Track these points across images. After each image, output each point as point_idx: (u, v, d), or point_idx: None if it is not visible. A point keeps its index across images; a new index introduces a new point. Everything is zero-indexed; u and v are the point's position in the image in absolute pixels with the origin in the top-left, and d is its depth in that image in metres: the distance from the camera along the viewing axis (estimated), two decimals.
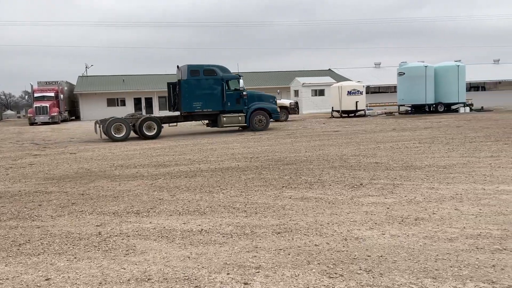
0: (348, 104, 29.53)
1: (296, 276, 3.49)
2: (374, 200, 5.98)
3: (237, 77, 20.41)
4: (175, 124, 20.88)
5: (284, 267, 3.69)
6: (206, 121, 21.88)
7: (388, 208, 5.52)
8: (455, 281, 3.27)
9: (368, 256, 3.86)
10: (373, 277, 3.40)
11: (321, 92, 38.90)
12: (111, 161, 11.41)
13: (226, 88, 20.02)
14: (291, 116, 29.30)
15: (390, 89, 46.71)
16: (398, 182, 7.12)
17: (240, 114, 20.24)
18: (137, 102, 47.09)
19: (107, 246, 4.48)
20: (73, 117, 47.14)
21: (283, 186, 7.17)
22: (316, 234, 4.58)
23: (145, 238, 4.70)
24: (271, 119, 21.24)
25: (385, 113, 31.53)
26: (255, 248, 4.20)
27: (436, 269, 3.50)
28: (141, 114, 20.45)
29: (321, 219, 5.15)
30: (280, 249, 4.15)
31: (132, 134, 18.92)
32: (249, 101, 20.48)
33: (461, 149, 10.79)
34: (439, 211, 5.23)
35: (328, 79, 41.07)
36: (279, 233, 4.67)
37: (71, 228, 5.22)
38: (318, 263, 3.74)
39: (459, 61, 32.02)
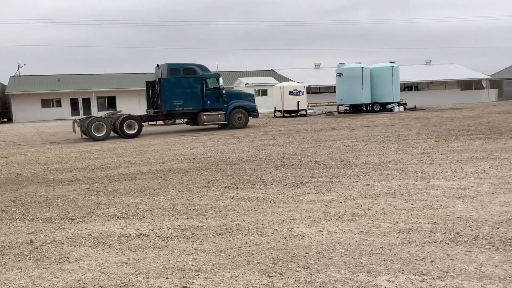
0: (290, 104, 30.05)
1: (236, 276, 3.50)
2: (313, 197, 6.12)
3: (216, 75, 20.79)
4: (154, 123, 21.04)
5: (224, 268, 3.68)
6: (186, 120, 22.10)
7: (326, 205, 5.66)
8: (388, 275, 3.40)
9: (307, 253, 3.94)
10: (311, 274, 3.47)
11: (264, 92, 39.32)
12: (45, 165, 10.88)
13: (206, 86, 20.37)
14: None
15: (330, 89, 47.97)
16: (336, 179, 7.33)
17: (220, 112, 20.59)
18: (74, 102, 45.30)
19: (39, 255, 4.26)
20: (5, 119, 44.55)
21: (225, 187, 7.16)
22: (257, 233, 4.61)
23: (80, 245, 4.52)
24: (250, 117, 21.64)
25: (325, 113, 32.39)
26: (196, 251, 4.16)
27: (370, 264, 3.63)
28: (122, 113, 20.88)
29: (262, 218, 5.19)
30: (221, 251, 4.13)
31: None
32: (228, 99, 20.88)
33: (395, 146, 11.29)
34: (374, 207, 5.44)
35: (270, 80, 41.59)
36: (220, 234, 4.66)
37: (1, 237, 4.92)
38: (258, 263, 3.77)
39: (394, 62, 33.53)
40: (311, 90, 45.63)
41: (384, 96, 30.50)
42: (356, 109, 31.02)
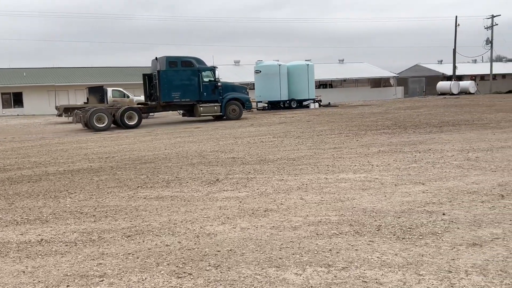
0: None
1: (143, 280, 3.37)
2: (229, 194, 6.10)
3: (213, 68, 21.52)
4: (152, 114, 22.45)
5: (131, 272, 3.53)
6: (182, 111, 22.66)
7: (241, 201, 5.67)
8: (296, 268, 3.47)
9: (218, 251, 3.91)
10: (221, 272, 3.44)
11: None
12: None
13: (202, 79, 21.01)
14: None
15: (249, 86, 48.45)
16: (252, 175, 7.38)
17: (215, 104, 21.24)
18: None
19: None
20: None
21: (138, 186, 6.92)
22: (169, 233, 4.49)
23: None
24: (245, 109, 22.45)
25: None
26: (102, 255, 3.95)
27: (280, 258, 3.68)
28: (120, 104, 21.40)
29: (175, 217, 5.07)
30: (129, 254, 3.97)
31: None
32: (224, 91, 21.55)
33: (309, 142, 11.65)
34: (287, 202, 5.55)
35: None
36: (129, 236, 4.47)
37: None
38: (168, 264, 3.66)
39: (309, 60, 34.60)
40: None
41: (301, 93, 31.40)
42: (274, 105, 31.62)
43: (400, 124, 15.27)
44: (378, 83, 56.11)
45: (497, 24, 51.97)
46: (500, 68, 61.00)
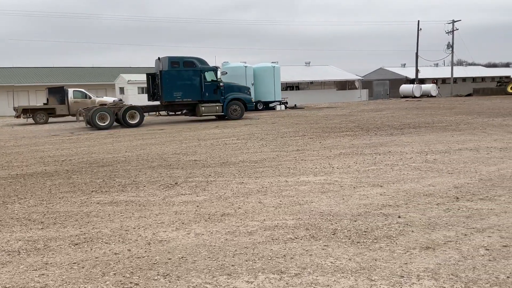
0: None
1: None
2: (186, 198, 5.95)
3: (215, 69, 21.87)
4: (155, 113, 22.67)
5: (74, 283, 3.34)
6: (184, 111, 22.62)
7: (198, 206, 5.53)
8: (248, 275, 3.37)
9: (169, 259, 3.76)
10: (170, 282, 3.30)
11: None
12: None
13: (204, 79, 21.21)
14: None
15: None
16: (212, 179, 7.25)
17: (217, 104, 21.47)
18: None
19: None
20: None
21: (92, 191, 6.67)
22: (119, 241, 4.31)
23: None
24: (247, 109, 22.56)
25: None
26: (45, 265, 3.74)
27: (232, 265, 3.57)
28: (123, 103, 21.97)
29: (127, 224, 4.89)
30: (74, 263, 3.77)
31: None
32: (226, 91, 21.75)
33: (273, 144, 11.61)
34: (245, 206, 5.45)
35: None
36: (77, 244, 4.27)
37: None
38: (114, 274, 3.49)
39: (276, 62, 34.66)
40: None
41: (267, 95, 31.41)
42: None
43: (363, 126, 15.46)
44: (343, 85, 56.91)
45: (457, 29, 53.65)
46: (460, 72, 63.03)
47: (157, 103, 21.95)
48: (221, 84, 21.68)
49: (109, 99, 28.43)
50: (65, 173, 8.35)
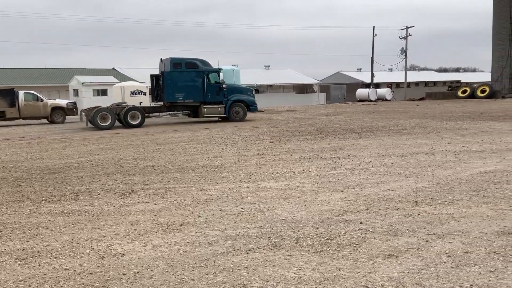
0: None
1: None
2: (143, 207, 5.71)
3: (217, 70, 21.93)
4: (157, 114, 23.26)
5: None
6: (188, 112, 22.79)
7: (155, 215, 5.31)
8: None
9: (124, 274, 3.54)
10: None
11: (103, 92, 36.93)
12: None
13: (207, 80, 21.26)
14: (69, 118, 27.04)
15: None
16: (171, 185, 7.02)
17: (220, 106, 21.44)
18: None
19: None
20: None
21: (42, 200, 6.29)
22: (70, 255, 4.04)
23: None
24: (250, 111, 22.44)
25: (170, 114, 31.83)
26: None
27: (192, 279, 3.40)
28: (126, 104, 21.78)
29: (79, 236, 4.60)
30: (20, 281, 3.48)
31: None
32: (229, 93, 21.71)
33: (234, 148, 11.46)
34: (205, 214, 5.27)
35: (111, 79, 39.33)
36: (24, 259, 3.96)
37: None
38: None
39: (236, 65, 34.61)
40: None
41: None
42: None
43: (322, 130, 15.58)
44: (302, 89, 57.59)
45: (411, 35, 55.56)
46: (414, 76, 65.26)
47: (160, 104, 22.08)
48: (224, 85, 21.75)
49: (62, 101, 27.48)
50: (14, 181, 7.88)
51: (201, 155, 10.47)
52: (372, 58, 54.64)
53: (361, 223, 4.69)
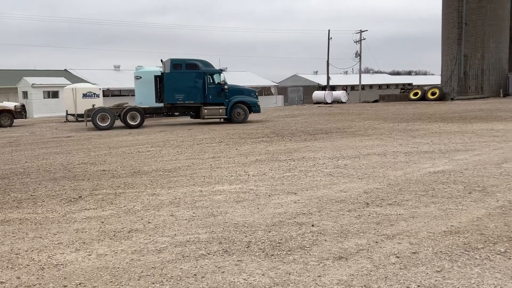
0: (84, 107, 27.83)
1: None
2: (90, 214, 5.47)
3: (219, 71, 21.65)
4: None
5: None
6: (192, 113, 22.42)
7: (102, 222, 5.10)
8: None
9: (65, 286, 3.35)
10: None
11: (54, 94, 35.74)
12: None
13: (208, 81, 21.02)
14: (17, 121, 25.85)
15: (131, 92, 46.41)
16: (121, 190, 6.79)
17: (221, 107, 21.13)
18: None
19: None
20: None
21: None
22: (7, 267, 3.79)
23: None
24: (252, 112, 22.09)
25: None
26: None
27: None
28: (127, 104, 21.67)
29: (19, 246, 4.34)
30: None
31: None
32: (230, 94, 21.40)
33: (189, 151, 11.28)
34: (155, 219, 5.11)
35: (63, 80, 38.07)
36: None
37: None
38: None
39: None
40: (111, 93, 43.48)
41: None
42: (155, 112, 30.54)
43: (278, 132, 15.63)
44: (260, 91, 57.75)
45: (365, 39, 56.89)
46: (368, 79, 66.96)
47: (161, 105, 21.76)
48: (226, 86, 21.47)
49: (9, 104, 26.22)
50: None
51: (154, 158, 10.24)
52: (327, 61, 55.62)
53: (312, 225, 4.68)
